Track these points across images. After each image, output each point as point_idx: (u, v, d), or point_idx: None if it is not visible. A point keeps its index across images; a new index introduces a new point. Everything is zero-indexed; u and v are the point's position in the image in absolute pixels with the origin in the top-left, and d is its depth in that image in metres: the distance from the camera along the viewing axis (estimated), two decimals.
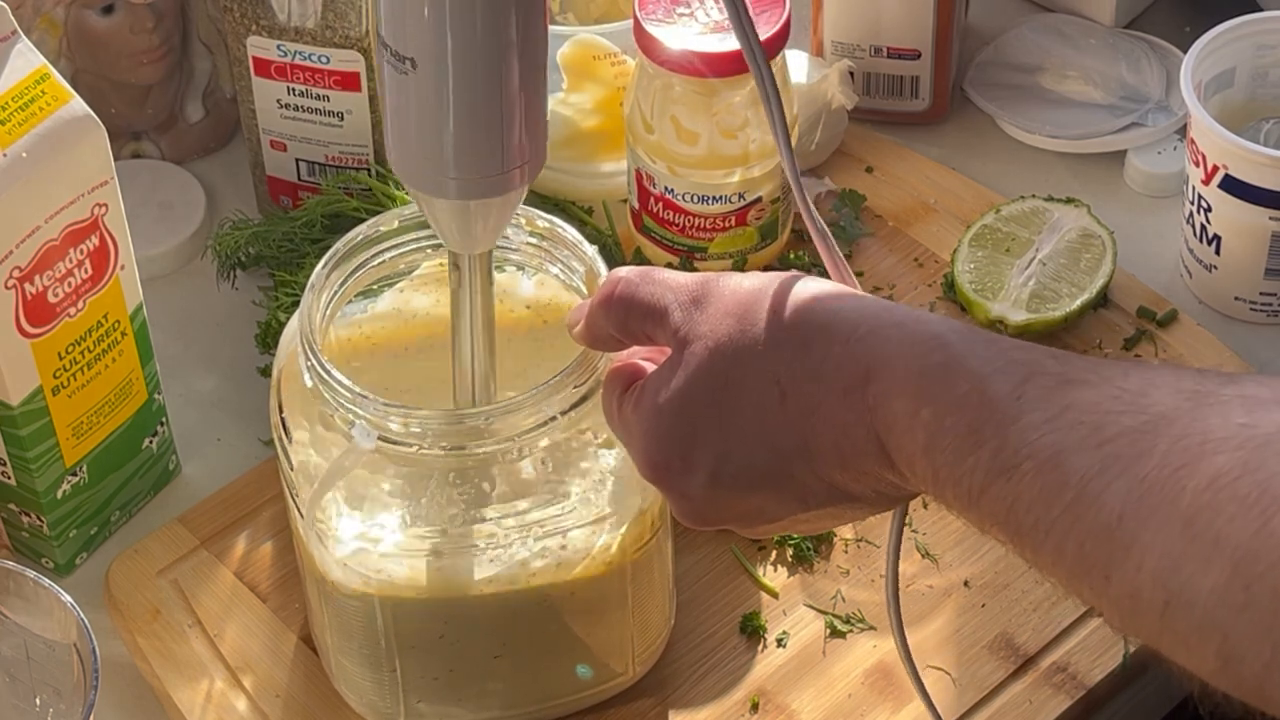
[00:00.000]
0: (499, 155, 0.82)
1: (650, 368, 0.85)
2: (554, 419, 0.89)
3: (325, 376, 0.88)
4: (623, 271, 0.85)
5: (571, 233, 0.94)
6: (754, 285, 0.81)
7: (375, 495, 0.90)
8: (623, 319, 0.84)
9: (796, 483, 0.79)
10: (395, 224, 0.95)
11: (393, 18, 0.79)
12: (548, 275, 0.97)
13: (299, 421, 0.92)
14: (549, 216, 0.95)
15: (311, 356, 0.89)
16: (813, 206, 0.86)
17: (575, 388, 0.89)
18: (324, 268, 0.93)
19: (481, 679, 0.97)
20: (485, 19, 0.78)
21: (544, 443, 0.90)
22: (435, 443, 0.88)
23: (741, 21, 0.82)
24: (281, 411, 0.92)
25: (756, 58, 0.83)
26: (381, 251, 0.95)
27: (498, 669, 0.96)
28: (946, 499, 0.74)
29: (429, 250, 0.96)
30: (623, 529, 0.93)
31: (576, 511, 0.91)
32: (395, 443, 0.88)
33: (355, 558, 0.91)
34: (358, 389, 0.88)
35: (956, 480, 0.72)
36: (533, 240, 0.95)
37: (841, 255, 0.86)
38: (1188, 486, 0.65)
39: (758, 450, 0.79)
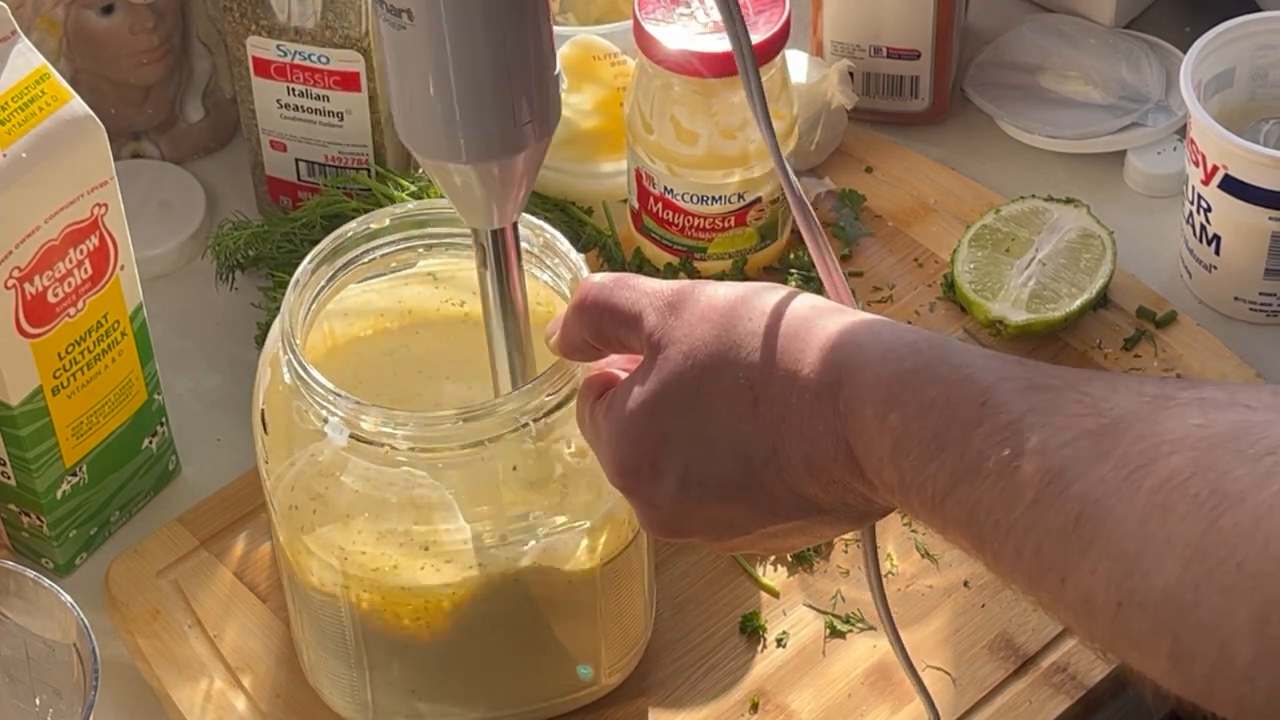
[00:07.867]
0: (508, 109, 0.79)
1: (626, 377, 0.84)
2: (526, 425, 0.88)
3: (302, 373, 0.88)
4: (598, 277, 0.84)
5: (562, 241, 0.93)
6: (731, 293, 0.80)
7: (347, 494, 0.90)
8: (597, 324, 0.83)
9: (765, 493, 0.78)
10: (386, 222, 0.94)
11: None
12: (535, 280, 0.96)
13: (277, 417, 0.92)
14: (539, 222, 0.94)
15: (290, 353, 0.89)
16: (810, 209, 0.85)
17: (549, 395, 0.88)
18: (310, 263, 0.92)
19: (455, 682, 0.96)
20: None
21: (517, 449, 0.89)
22: (406, 443, 0.88)
23: (734, 23, 0.82)
24: (262, 405, 0.92)
25: (745, 60, 0.82)
26: (371, 249, 0.94)
27: (470, 673, 0.96)
28: (912, 506, 0.73)
29: (420, 250, 0.95)
30: (596, 537, 0.92)
31: (548, 519, 0.91)
32: (367, 441, 0.88)
33: (328, 556, 0.91)
34: (331, 386, 0.87)
35: (921, 485, 0.72)
36: (523, 245, 0.94)
37: (834, 256, 0.84)
38: (1143, 487, 0.65)
39: (728, 458, 0.78)
